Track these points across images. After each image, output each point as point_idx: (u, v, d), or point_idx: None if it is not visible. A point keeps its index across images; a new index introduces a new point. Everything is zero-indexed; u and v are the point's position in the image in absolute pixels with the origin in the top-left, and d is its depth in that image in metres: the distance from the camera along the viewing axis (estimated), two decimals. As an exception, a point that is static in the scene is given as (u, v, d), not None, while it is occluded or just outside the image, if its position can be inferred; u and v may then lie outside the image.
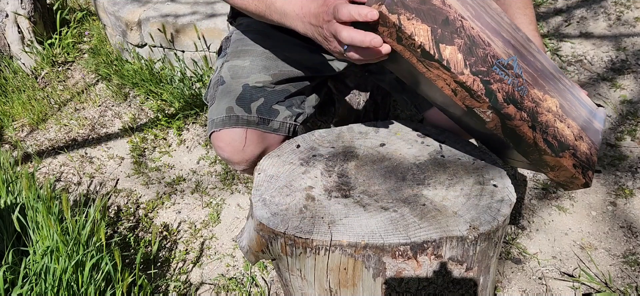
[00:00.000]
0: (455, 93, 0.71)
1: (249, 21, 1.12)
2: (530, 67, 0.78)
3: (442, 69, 0.68)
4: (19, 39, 2.48)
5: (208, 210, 1.63)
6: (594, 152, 0.82)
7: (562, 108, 0.80)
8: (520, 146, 0.77)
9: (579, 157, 0.79)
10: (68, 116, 2.17)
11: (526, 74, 0.77)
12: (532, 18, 0.98)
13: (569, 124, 0.80)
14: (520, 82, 0.75)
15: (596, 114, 0.88)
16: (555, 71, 0.84)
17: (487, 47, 0.73)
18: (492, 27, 0.76)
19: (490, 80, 0.71)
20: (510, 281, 1.30)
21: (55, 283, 1.18)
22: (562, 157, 0.77)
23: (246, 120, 0.96)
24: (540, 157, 0.77)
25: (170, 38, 2.09)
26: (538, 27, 1.00)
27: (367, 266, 0.72)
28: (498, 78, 0.72)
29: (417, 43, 0.66)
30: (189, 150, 1.90)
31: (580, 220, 1.44)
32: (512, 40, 0.78)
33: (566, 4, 2.41)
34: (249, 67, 1.02)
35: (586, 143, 0.82)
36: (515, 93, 0.74)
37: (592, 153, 0.82)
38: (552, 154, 0.76)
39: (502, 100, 0.72)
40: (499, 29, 0.77)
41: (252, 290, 1.36)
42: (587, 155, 0.81)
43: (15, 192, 1.48)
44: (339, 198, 0.78)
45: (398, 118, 1.75)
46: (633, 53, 2.02)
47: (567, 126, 0.80)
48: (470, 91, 0.70)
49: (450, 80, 0.70)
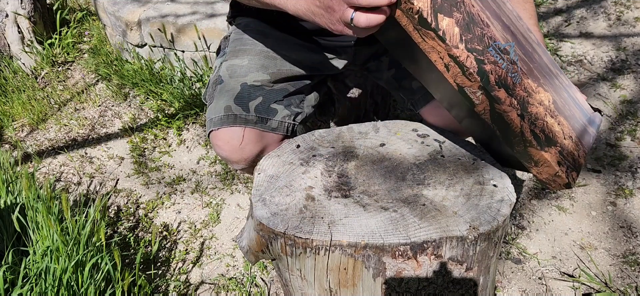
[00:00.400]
0: (447, 68, 0.70)
1: (248, 20, 1.12)
2: (527, 57, 0.77)
3: (438, 39, 0.67)
4: (19, 39, 2.48)
5: (208, 210, 1.63)
6: (582, 155, 0.81)
7: (555, 105, 0.79)
8: (506, 134, 0.75)
9: (565, 156, 0.78)
10: (68, 116, 2.17)
11: (522, 63, 0.76)
12: (533, 12, 0.98)
13: (560, 121, 0.79)
14: (514, 69, 0.74)
15: (591, 118, 0.87)
16: (553, 67, 0.82)
17: (486, 28, 0.72)
18: (493, 10, 0.75)
19: (485, 60, 0.70)
20: (510, 281, 1.30)
21: (55, 283, 1.18)
22: (547, 152, 0.75)
23: (244, 119, 0.96)
24: (525, 148, 0.76)
25: (170, 38, 2.09)
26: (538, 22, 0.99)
27: (367, 266, 0.72)
28: (492, 60, 0.71)
29: (416, 8, 0.65)
30: (189, 150, 1.90)
31: (580, 220, 1.44)
32: (511, 27, 0.77)
33: (566, 4, 2.41)
34: (247, 65, 1.02)
35: (575, 144, 0.80)
36: (507, 79, 0.72)
37: (579, 156, 0.81)
38: (537, 147, 0.74)
39: (493, 82, 0.70)
40: (499, 13, 0.76)
41: (252, 290, 1.36)
42: (573, 156, 0.80)
43: (15, 192, 1.48)
44: (339, 198, 0.78)
45: (398, 118, 1.75)
46: (633, 53, 2.02)
47: (558, 123, 0.78)
48: (463, 68, 0.69)
49: (444, 53, 0.68)
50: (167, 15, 2.10)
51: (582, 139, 0.82)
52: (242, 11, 1.15)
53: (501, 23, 0.75)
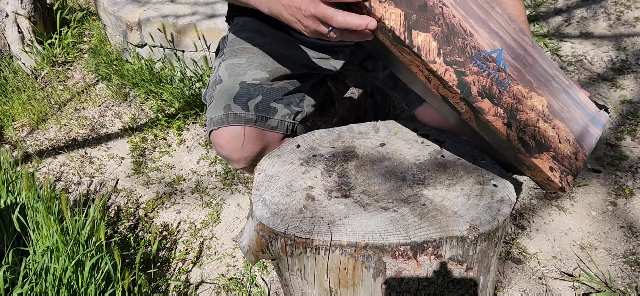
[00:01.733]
0: (428, 80, 0.70)
1: (245, 20, 1.12)
2: (518, 62, 0.76)
3: (414, 55, 0.67)
4: (19, 39, 2.48)
5: (208, 210, 1.63)
6: (580, 157, 0.79)
7: (550, 108, 0.78)
8: (495, 141, 0.75)
9: (559, 160, 0.77)
10: (68, 116, 2.17)
11: (511, 69, 0.75)
12: (522, 10, 0.97)
13: (555, 125, 0.78)
14: (502, 77, 0.73)
15: (595, 118, 0.85)
16: (551, 68, 0.81)
17: (469, 37, 0.71)
18: (478, 16, 0.74)
19: (466, 71, 0.70)
20: (510, 281, 1.30)
21: (55, 283, 1.18)
22: (538, 158, 0.75)
23: (244, 118, 0.96)
24: (515, 154, 0.75)
25: (171, 38, 2.09)
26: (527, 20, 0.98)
27: (367, 266, 0.72)
28: (475, 70, 0.71)
29: (388, 27, 0.65)
30: (189, 150, 1.90)
31: (580, 220, 1.44)
32: (500, 31, 0.76)
33: (566, 4, 2.41)
34: (246, 64, 1.02)
35: (572, 147, 0.79)
36: (493, 88, 0.72)
37: (577, 159, 0.79)
38: (526, 154, 0.74)
39: (475, 94, 0.70)
40: (486, 19, 0.75)
41: (252, 290, 1.36)
42: (570, 160, 0.78)
43: (15, 192, 1.49)
44: (339, 198, 0.78)
45: (398, 118, 1.75)
46: (633, 53, 2.02)
47: (552, 127, 0.77)
48: (442, 81, 0.69)
49: (422, 67, 0.69)
50: (167, 16, 2.10)
51: (582, 141, 0.81)
52: (239, 11, 1.15)
53: (488, 29, 0.74)
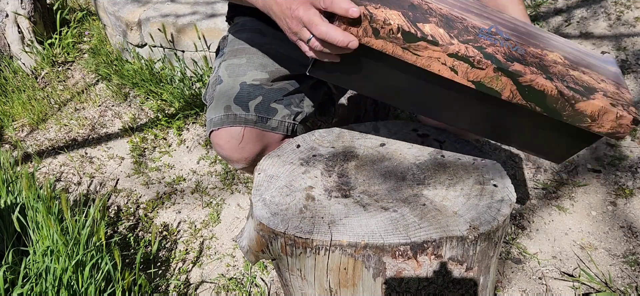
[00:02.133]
0: (455, 71, 0.66)
1: (245, 19, 1.12)
2: (514, 33, 0.74)
3: (431, 46, 0.64)
4: (19, 39, 2.48)
5: (208, 210, 1.63)
6: (624, 91, 0.72)
7: (568, 59, 0.73)
8: (547, 105, 0.68)
9: (612, 96, 0.69)
10: (68, 116, 2.17)
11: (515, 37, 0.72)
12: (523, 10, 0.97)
13: (584, 71, 0.72)
14: (512, 44, 0.70)
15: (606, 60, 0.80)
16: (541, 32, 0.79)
17: (464, 21, 0.70)
18: (459, 7, 0.74)
19: (482, 45, 0.67)
20: (510, 281, 1.30)
21: (55, 283, 1.18)
22: (596, 99, 0.67)
23: (244, 118, 0.96)
24: (573, 108, 0.67)
25: (171, 38, 2.09)
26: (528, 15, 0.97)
27: (367, 266, 0.72)
28: (489, 43, 0.68)
29: (395, 26, 0.63)
30: (189, 150, 1.90)
31: (580, 220, 1.44)
32: (484, 13, 0.75)
33: (566, 4, 2.41)
34: (246, 64, 1.02)
35: (612, 85, 0.72)
36: (513, 53, 0.68)
37: (623, 92, 0.71)
38: (583, 99, 0.66)
39: (504, 60, 0.66)
40: (467, 7, 0.74)
41: (252, 290, 1.36)
42: (618, 94, 0.70)
43: (15, 192, 1.49)
44: (339, 198, 0.78)
45: (398, 118, 1.76)
46: (633, 53, 2.02)
47: (583, 73, 0.71)
48: (468, 60, 0.65)
49: (443, 56, 0.65)
50: (167, 15, 2.10)
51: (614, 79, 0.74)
52: (240, 10, 1.15)
53: (473, 14, 0.73)
